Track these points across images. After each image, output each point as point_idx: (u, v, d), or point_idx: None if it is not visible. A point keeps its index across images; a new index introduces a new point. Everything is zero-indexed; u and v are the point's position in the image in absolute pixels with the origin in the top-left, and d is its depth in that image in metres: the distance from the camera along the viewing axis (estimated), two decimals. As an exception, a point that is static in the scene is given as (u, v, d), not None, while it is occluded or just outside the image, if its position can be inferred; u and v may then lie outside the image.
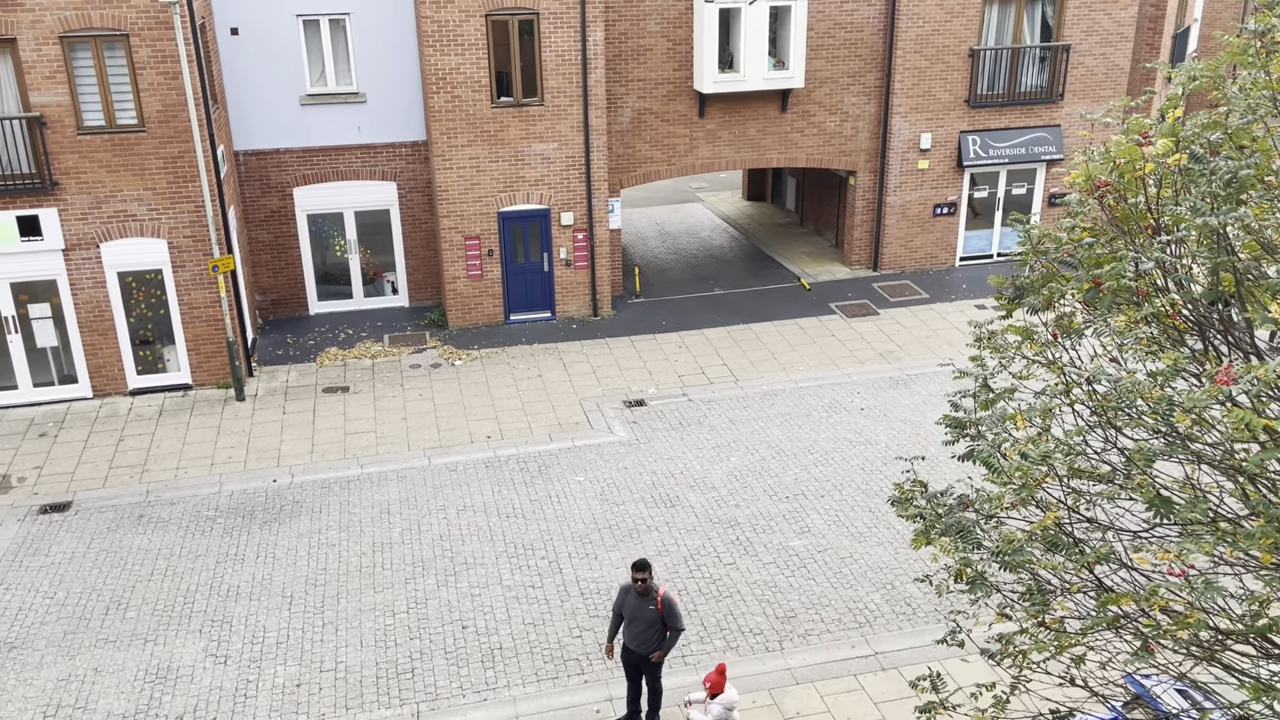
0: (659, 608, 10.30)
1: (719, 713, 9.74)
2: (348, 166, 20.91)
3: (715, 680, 9.75)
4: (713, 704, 9.76)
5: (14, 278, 17.29)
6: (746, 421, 17.39)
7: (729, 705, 9.77)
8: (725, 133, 22.37)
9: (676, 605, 10.39)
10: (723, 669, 9.85)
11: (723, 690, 9.77)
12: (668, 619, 10.35)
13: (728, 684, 9.88)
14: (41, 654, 11.97)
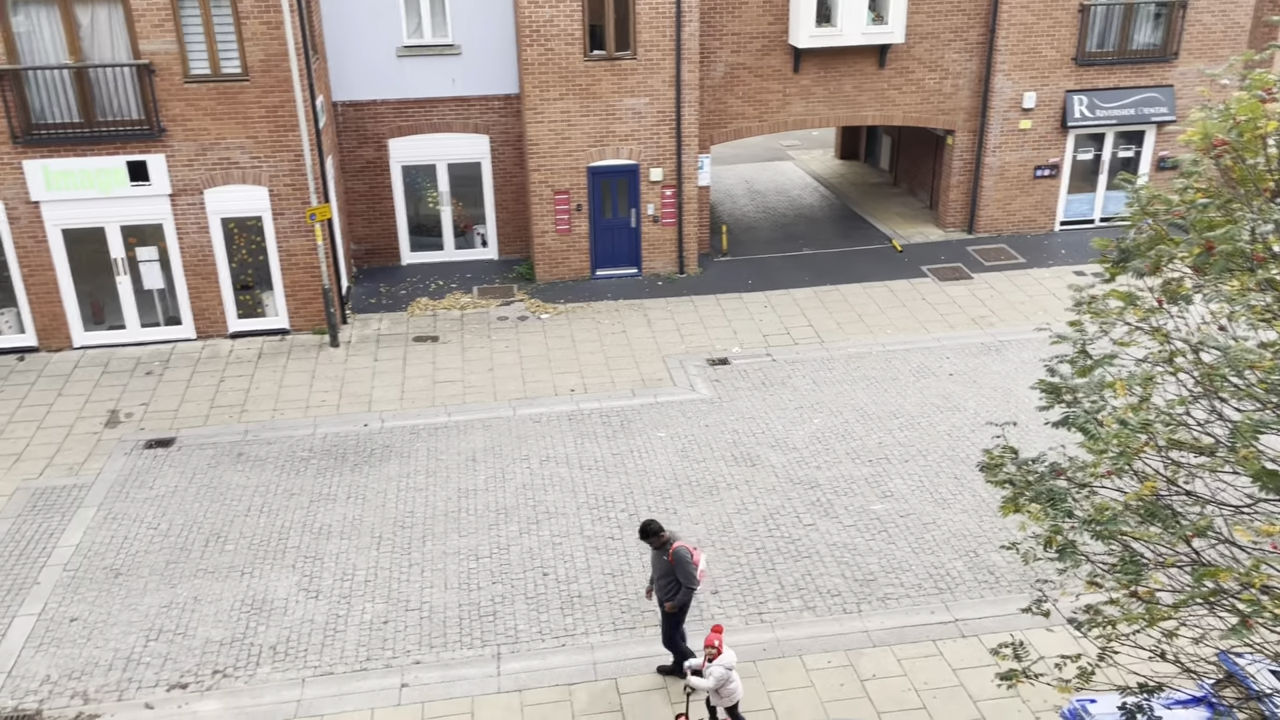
0: (670, 559, 10.44)
1: (720, 674, 9.74)
2: (441, 119, 21.12)
3: (715, 642, 9.74)
4: (712, 666, 9.75)
5: (124, 221, 17.98)
6: (831, 384, 17.22)
7: (728, 666, 9.80)
8: (820, 89, 21.94)
9: (685, 561, 10.38)
10: (719, 629, 9.92)
11: (721, 653, 9.80)
12: (677, 572, 10.41)
13: (725, 646, 9.89)
14: (145, 581, 12.58)
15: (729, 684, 9.82)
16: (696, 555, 10.58)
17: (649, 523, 10.52)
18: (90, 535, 13.40)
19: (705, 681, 9.74)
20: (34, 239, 17.74)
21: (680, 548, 10.43)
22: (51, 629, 11.75)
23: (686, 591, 10.49)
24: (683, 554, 10.41)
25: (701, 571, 10.61)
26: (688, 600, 10.62)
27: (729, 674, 9.76)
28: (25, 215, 17.58)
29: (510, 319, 19.77)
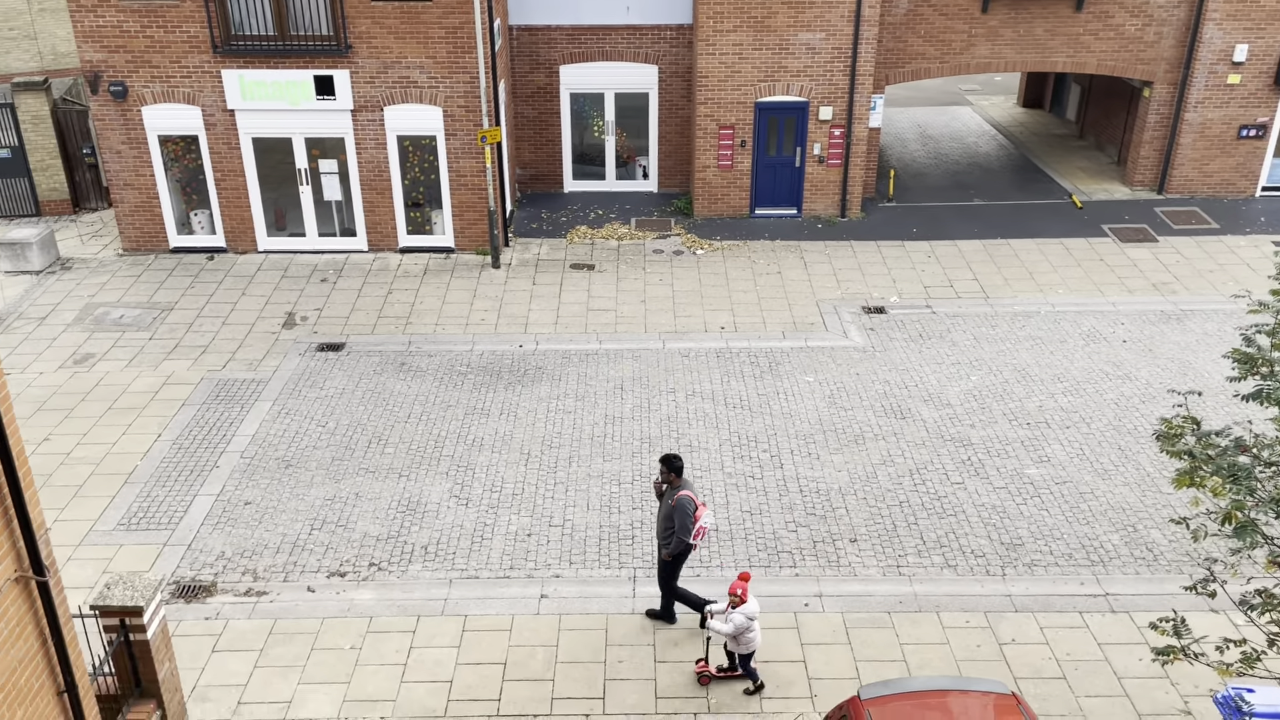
0: (673, 504, 10.27)
1: (740, 621, 9.64)
2: (613, 47, 21.11)
3: (740, 589, 9.62)
4: (734, 613, 9.63)
5: (308, 133, 18.83)
6: (993, 341, 16.60)
7: (750, 615, 9.66)
8: (1008, 31, 20.79)
9: (684, 512, 10.20)
10: (746, 577, 9.74)
11: (745, 601, 9.66)
12: (675, 519, 10.24)
13: (750, 595, 9.76)
14: (312, 474, 13.41)
15: (748, 633, 9.74)
16: (699, 512, 10.32)
17: (673, 456, 10.36)
18: (265, 427, 14.34)
19: (725, 627, 9.68)
20: (228, 145, 18.81)
21: (684, 497, 10.25)
22: (228, 510, 12.70)
23: (679, 541, 10.31)
24: (684, 504, 10.23)
25: (701, 528, 10.29)
26: (682, 550, 10.40)
27: (750, 623, 9.67)
28: (221, 122, 18.63)
29: (666, 252, 19.81)
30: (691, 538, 10.25)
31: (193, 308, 17.64)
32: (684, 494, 10.28)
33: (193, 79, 18.24)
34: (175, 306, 17.66)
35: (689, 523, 10.21)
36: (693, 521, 10.22)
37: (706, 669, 10.24)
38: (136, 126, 18.57)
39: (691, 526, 10.22)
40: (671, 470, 10.35)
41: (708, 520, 10.35)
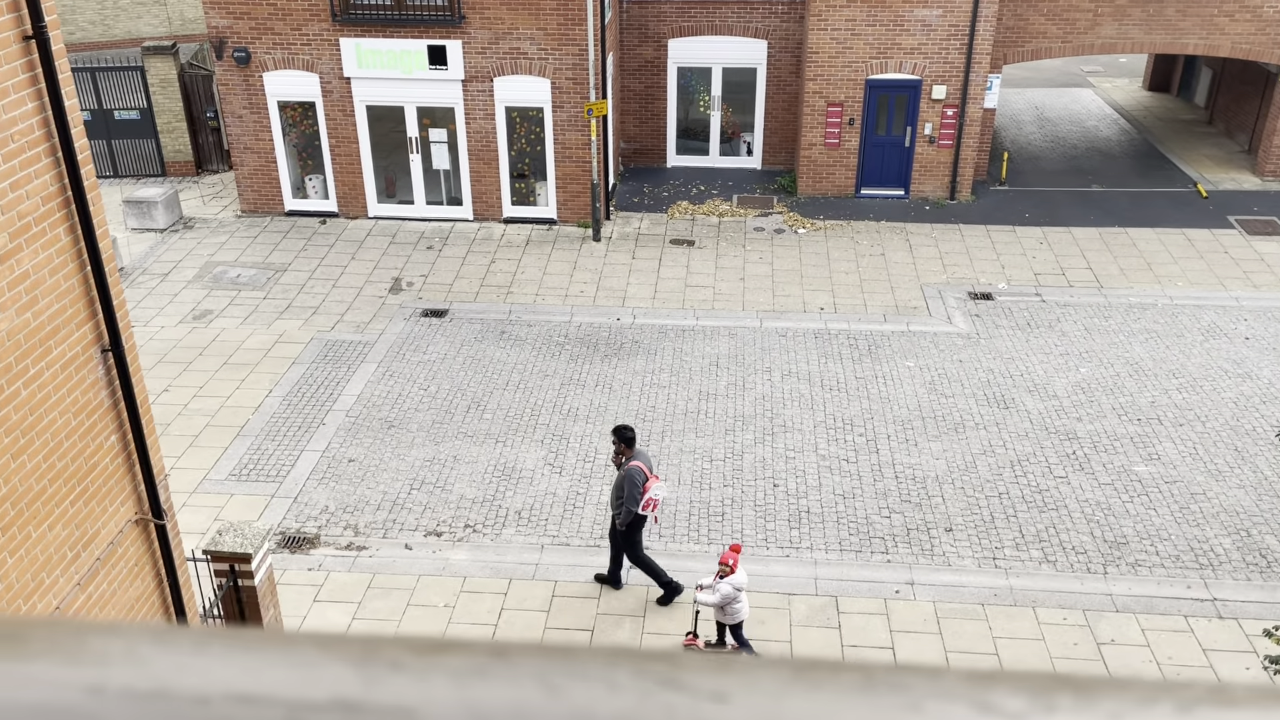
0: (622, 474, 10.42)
1: (727, 591, 9.59)
2: (723, 21, 20.92)
3: (731, 560, 9.59)
4: (721, 584, 9.62)
5: (419, 102, 19.20)
6: (1105, 332, 16.02)
7: (738, 586, 9.61)
8: (1136, 10, 19.90)
9: (633, 483, 10.29)
10: (738, 548, 9.68)
11: (733, 572, 9.62)
12: (625, 488, 10.34)
13: (740, 567, 9.71)
14: (413, 436, 13.77)
15: (735, 603, 9.74)
16: (650, 483, 10.37)
17: (624, 428, 10.51)
18: (370, 388, 14.77)
19: (711, 597, 9.69)
20: (343, 112, 19.31)
21: (634, 468, 10.36)
22: (332, 466, 13.14)
23: (627, 511, 10.43)
24: (633, 474, 10.35)
25: (651, 500, 10.35)
26: (633, 521, 10.50)
27: (736, 594, 9.67)
28: (337, 90, 19.13)
29: (767, 230, 19.63)
30: (641, 508, 10.39)
31: (305, 270, 18.23)
32: (634, 465, 10.45)
33: (312, 46, 18.75)
34: (288, 268, 18.28)
35: (637, 494, 10.35)
36: (641, 493, 10.35)
37: (694, 643, 10.30)
38: (258, 92, 19.20)
39: (640, 497, 10.35)
40: (623, 441, 10.54)
41: (659, 492, 10.49)
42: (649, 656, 0.45)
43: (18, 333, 5.87)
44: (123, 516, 7.04)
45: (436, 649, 0.45)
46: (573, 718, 0.42)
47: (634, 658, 0.45)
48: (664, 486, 10.58)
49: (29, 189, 5.89)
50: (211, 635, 0.45)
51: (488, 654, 0.45)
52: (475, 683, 0.43)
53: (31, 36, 5.78)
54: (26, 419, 5.99)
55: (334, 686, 0.42)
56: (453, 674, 0.43)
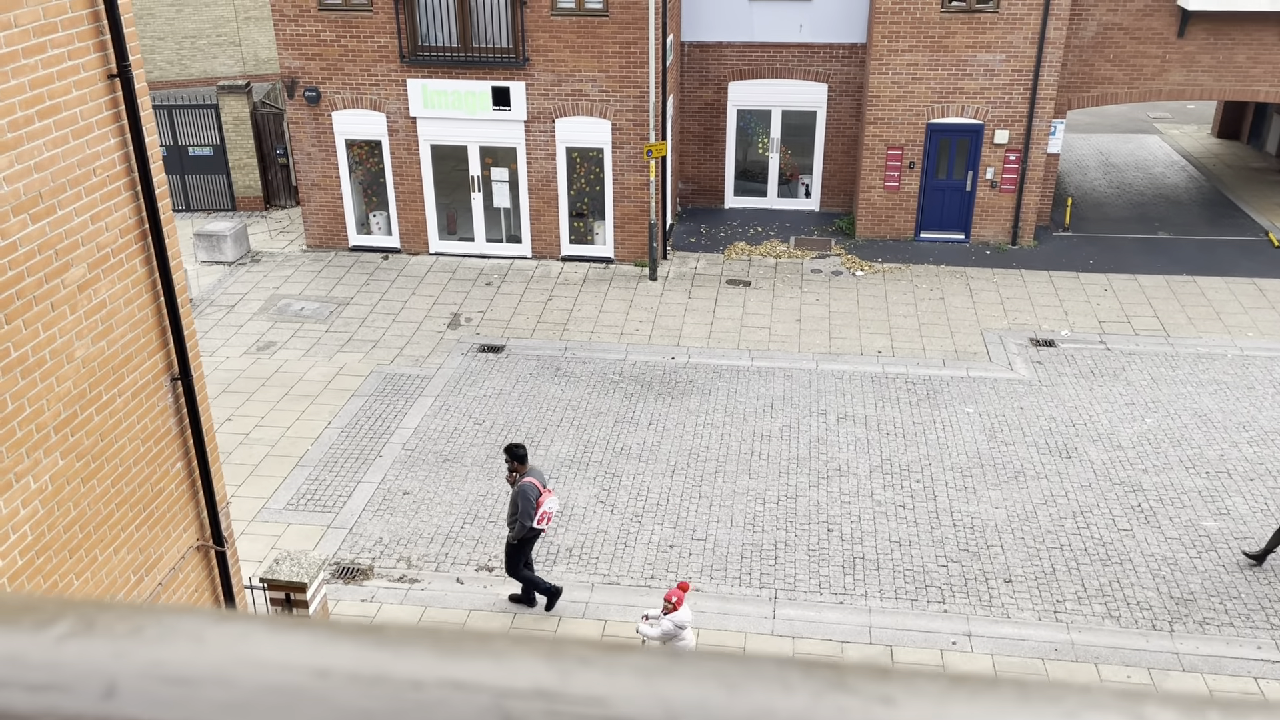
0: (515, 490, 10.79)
1: (668, 628, 9.64)
2: (783, 64, 21.05)
3: (676, 597, 9.65)
4: (664, 619, 9.69)
5: (483, 142, 19.54)
6: (1172, 383, 15.64)
7: (680, 624, 9.65)
8: (1206, 57, 19.62)
9: (526, 499, 10.61)
10: (685, 587, 9.74)
11: (677, 610, 9.67)
12: (518, 504, 10.65)
13: (685, 605, 9.75)
14: (467, 470, 13.86)
15: (678, 640, 9.74)
16: (543, 498, 10.66)
17: (516, 446, 10.86)
18: (426, 421, 14.92)
19: (651, 630, 9.74)
20: (408, 151, 19.72)
21: (527, 484, 10.68)
22: (387, 499, 13.27)
23: (521, 526, 10.71)
24: (526, 490, 10.66)
25: (545, 514, 10.65)
26: (526, 535, 10.78)
27: (679, 631, 9.70)
28: (403, 129, 19.57)
29: (824, 272, 19.56)
30: (535, 522, 10.70)
31: (366, 304, 18.55)
32: (527, 480, 10.76)
33: (380, 87, 19.23)
34: (351, 302, 18.62)
35: (531, 508, 10.67)
36: (535, 507, 10.66)
37: None
38: (326, 130, 19.71)
39: (535, 512, 10.67)
40: (515, 459, 10.90)
41: (552, 506, 10.79)
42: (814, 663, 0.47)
43: (92, 360, 6.05)
44: (185, 542, 7.17)
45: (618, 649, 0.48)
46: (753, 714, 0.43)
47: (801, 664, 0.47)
48: (556, 501, 11.00)
49: (109, 221, 6.09)
50: (416, 630, 0.48)
51: (666, 656, 0.47)
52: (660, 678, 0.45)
53: (116, 75, 6.01)
54: (98, 444, 6.15)
55: (532, 676, 0.45)
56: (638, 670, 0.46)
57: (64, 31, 5.61)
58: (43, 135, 5.52)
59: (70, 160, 5.74)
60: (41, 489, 5.71)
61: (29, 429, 5.58)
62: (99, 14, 5.85)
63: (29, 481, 5.61)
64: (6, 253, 5.33)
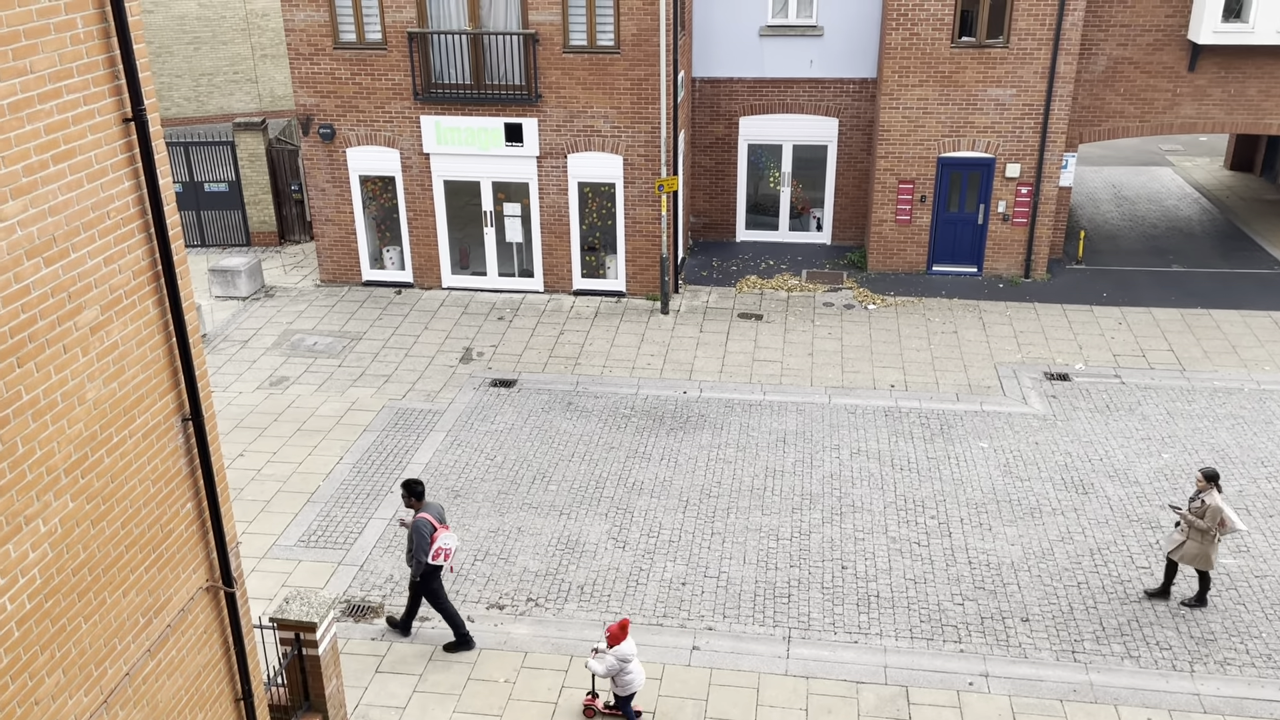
0: (409, 527, 10.92)
1: (611, 662, 9.87)
2: (794, 99, 21.16)
3: (615, 633, 9.87)
4: (608, 653, 9.89)
5: (495, 178, 19.66)
6: (1188, 417, 15.50)
7: (623, 657, 9.86)
8: (1217, 90, 19.64)
9: (420, 534, 10.73)
10: (625, 624, 9.90)
11: (623, 640, 9.89)
12: (414, 541, 10.80)
13: (628, 638, 9.94)
14: (479, 506, 13.81)
15: (624, 675, 9.94)
16: (438, 534, 10.76)
17: (413, 482, 10.93)
18: (438, 457, 14.90)
19: (597, 665, 9.94)
20: (421, 187, 19.85)
21: (420, 520, 10.78)
22: (398, 535, 13.21)
23: (417, 563, 10.84)
24: (420, 526, 10.76)
25: (440, 550, 10.75)
26: (425, 571, 10.88)
27: (623, 665, 9.89)
28: (417, 165, 19.71)
29: (836, 306, 19.54)
30: (430, 558, 10.78)
31: (379, 338, 18.60)
32: (421, 517, 10.82)
33: (394, 124, 19.39)
34: (364, 336, 18.67)
35: (425, 544, 10.76)
36: (429, 543, 10.74)
37: (594, 703, 10.40)
38: (340, 166, 19.87)
39: (429, 548, 10.75)
40: (412, 495, 10.94)
41: (449, 542, 10.84)
42: None
43: (104, 402, 6.06)
44: (194, 584, 7.13)
45: None
46: None
47: None
48: (453, 536, 11.05)
49: (121, 264, 6.12)
50: None
51: None
52: None
53: (130, 119, 6.07)
54: (108, 486, 6.14)
55: None
56: None
57: (79, 77, 5.67)
58: (57, 179, 5.56)
59: (84, 204, 5.78)
60: (51, 532, 5.70)
61: (39, 472, 5.58)
62: (114, 59, 5.92)
63: (39, 524, 5.60)
64: (19, 296, 5.35)
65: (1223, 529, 11.08)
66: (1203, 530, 11.11)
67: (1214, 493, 11.13)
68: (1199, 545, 11.20)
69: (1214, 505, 11.05)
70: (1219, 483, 11.19)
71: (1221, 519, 11.04)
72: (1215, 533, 11.10)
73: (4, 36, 5.14)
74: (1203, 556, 11.22)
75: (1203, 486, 11.18)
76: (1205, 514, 11.09)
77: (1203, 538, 11.15)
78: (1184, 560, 11.34)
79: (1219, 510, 11.04)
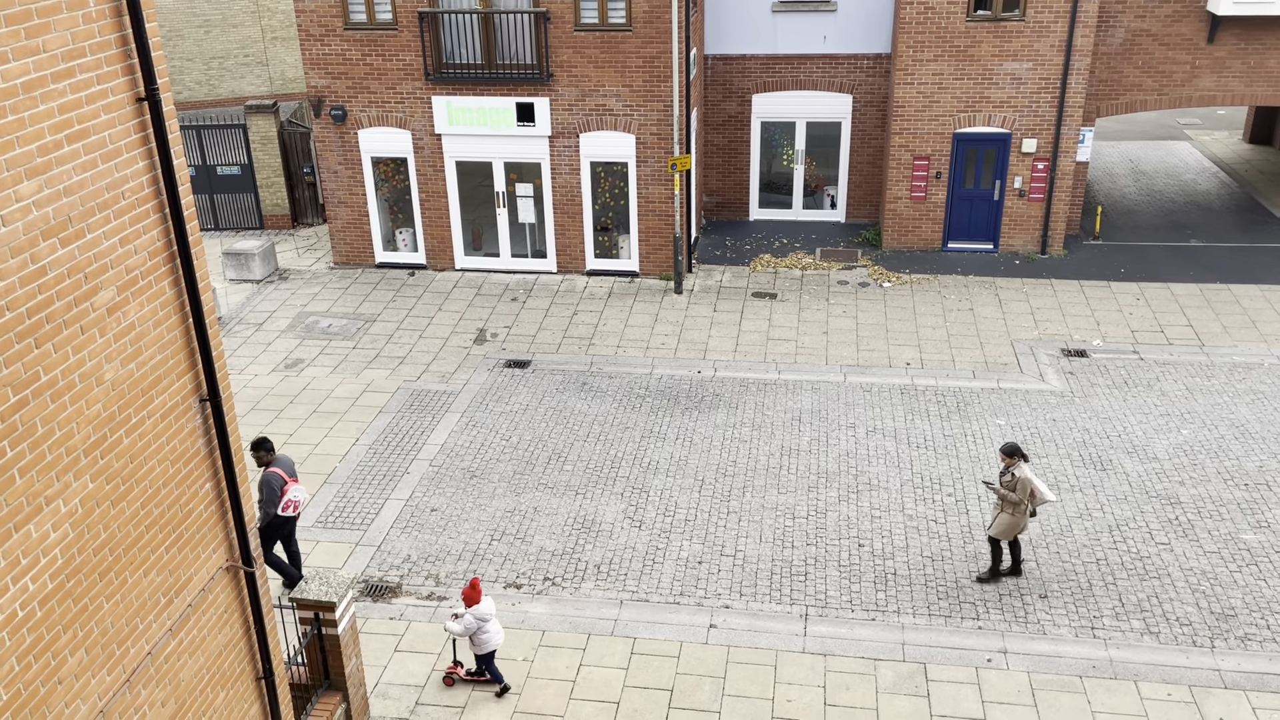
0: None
1: (469, 621, 10.05)
2: (807, 76, 20.98)
3: (468, 594, 10.08)
4: (466, 614, 10.07)
5: (507, 158, 19.59)
6: (1208, 393, 15.38)
7: (481, 616, 10.05)
8: (1237, 62, 19.37)
9: (269, 487, 11.19)
10: (475, 583, 10.11)
11: (478, 601, 10.09)
12: (262, 492, 11.26)
13: (483, 596, 10.19)
14: (495, 486, 13.83)
15: (482, 633, 10.13)
16: (288, 487, 11.24)
17: (263, 440, 11.41)
18: (454, 438, 14.92)
19: (455, 626, 10.11)
20: (433, 168, 19.81)
21: (270, 473, 11.25)
22: (415, 515, 13.26)
23: (265, 513, 11.28)
24: (269, 479, 11.23)
25: (290, 502, 11.22)
26: (272, 523, 11.33)
27: (481, 624, 10.09)
28: (429, 146, 19.65)
29: (851, 284, 19.43)
30: (280, 510, 11.24)
31: (393, 320, 18.61)
32: (271, 470, 11.29)
33: (405, 105, 19.33)
34: (377, 318, 18.69)
35: (275, 496, 11.23)
36: (279, 495, 11.21)
37: (456, 671, 10.56)
38: (353, 148, 19.83)
39: (279, 500, 11.22)
40: (263, 450, 11.46)
41: (298, 494, 11.33)
42: None
43: (122, 383, 6.06)
44: (214, 564, 7.16)
45: None
46: None
47: None
48: (302, 490, 11.45)
49: (137, 244, 6.11)
50: None
51: None
52: None
53: (144, 99, 6.04)
54: (127, 466, 6.16)
55: None
56: None
57: (92, 56, 5.64)
58: (71, 160, 5.55)
59: (99, 184, 5.77)
60: (72, 512, 5.72)
61: (59, 453, 5.59)
62: (127, 38, 5.89)
63: (59, 505, 5.62)
64: (36, 277, 5.35)
65: (1034, 500, 11.23)
66: (1015, 503, 11.17)
67: (1021, 465, 11.23)
68: (1010, 517, 11.31)
69: (1024, 477, 11.17)
70: (1024, 455, 11.30)
71: (1032, 490, 11.18)
72: (1027, 504, 11.22)
73: (16, 15, 5.12)
74: (1013, 527, 11.32)
75: (1008, 463, 11.24)
76: (1016, 487, 11.13)
77: (1014, 510, 11.23)
78: (994, 533, 11.39)
79: (1029, 481, 11.17)
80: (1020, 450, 11.32)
